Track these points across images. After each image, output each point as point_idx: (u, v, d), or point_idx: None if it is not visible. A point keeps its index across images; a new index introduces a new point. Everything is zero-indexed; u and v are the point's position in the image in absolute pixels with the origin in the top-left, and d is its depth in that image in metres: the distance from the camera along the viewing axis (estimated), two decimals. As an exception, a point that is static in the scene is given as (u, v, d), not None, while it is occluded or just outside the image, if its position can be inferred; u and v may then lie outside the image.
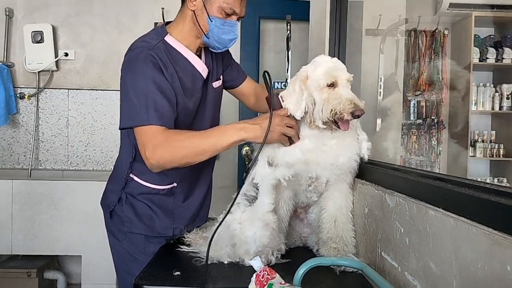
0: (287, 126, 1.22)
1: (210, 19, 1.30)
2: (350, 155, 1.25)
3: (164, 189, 1.43)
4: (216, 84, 1.51)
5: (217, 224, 1.21)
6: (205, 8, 1.30)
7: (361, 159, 1.27)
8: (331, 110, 1.14)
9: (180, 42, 1.37)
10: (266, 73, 1.26)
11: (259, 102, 1.61)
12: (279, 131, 1.21)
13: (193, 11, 1.32)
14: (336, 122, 1.17)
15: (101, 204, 1.54)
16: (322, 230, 1.30)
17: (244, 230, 1.22)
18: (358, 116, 1.14)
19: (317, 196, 1.33)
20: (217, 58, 1.52)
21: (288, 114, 1.23)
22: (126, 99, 1.29)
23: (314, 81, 1.18)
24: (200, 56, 1.43)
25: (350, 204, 1.31)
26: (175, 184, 1.44)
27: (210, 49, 1.41)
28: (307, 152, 1.23)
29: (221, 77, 1.54)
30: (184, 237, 1.39)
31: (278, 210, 1.30)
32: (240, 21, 1.37)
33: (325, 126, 1.18)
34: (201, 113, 1.45)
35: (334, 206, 1.29)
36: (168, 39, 1.36)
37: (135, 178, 1.42)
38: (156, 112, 1.23)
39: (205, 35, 1.34)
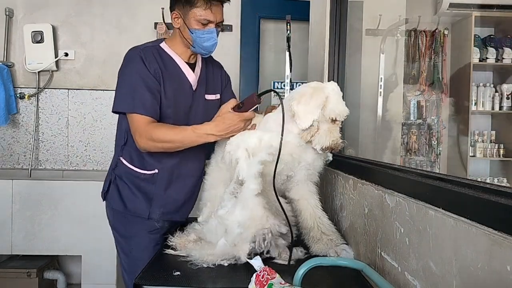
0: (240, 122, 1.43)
1: (191, 32, 1.53)
2: (323, 158, 1.42)
3: (145, 174, 1.61)
4: (211, 97, 1.69)
5: None
6: (185, 24, 1.53)
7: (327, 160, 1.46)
8: (332, 141, 1.29)
9: (173, 51, 1.61)
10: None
11: None
12: (232, 130, 1.43)
13: (178, 28, 1.57)
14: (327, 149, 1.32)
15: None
16: (312, 228, 1.36)
17: (228, 217, 1.24)
18: (334, 153, 1.37)
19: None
20: (215, 74, 1.72)
21: (244, 118, 1.42)
22: (117, 87, 1.55)
23: (329, 111, 1.29)
24: (193, 66, 1.64)
25: (319, 202, 1.43)
26: (156, 171, 1.61)
27: (202, 57, 1.65)
28: (292, 145, 1.33)
29: (219, 94, 1.73)
30: (169, 241, 1.39)
31: None
32: (220, 26, 1.57)
33: (321, 152, 1.32)
34: (192, 121, 1.59)
35: (310, 205, 1.40)
36: (163, 45, 1.61)
37: (123, 161, 1.63)
38: (140, 103, 1.49)
39: (191, 45, 1.57)
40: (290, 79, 3.02)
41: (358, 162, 1.39)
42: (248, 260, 1.16)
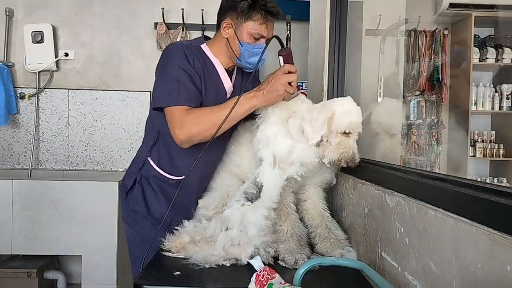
0: (288, 83, 1.37)
1: (241, 45, 1.47)
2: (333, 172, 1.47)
3: (173, 180, 1.55)
4: None
5: None
6: (236, 35, 1.47)
7: None
8: (340, 154, 1.29)
9: (214, 55, 1.54)
10: (276, 36, 1.48)
11: None
12: (282, 89, 1.36)
13: (227, 38, 1.49)
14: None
15: (120, 185, 1.66)
16: (319, 226, 1.37)
17: (246, 217, 1.26)
18: (351, 167, 1.31)
19: None
20: (248, 84, 1.64)
21: (290, 70, 1.38)
22: (159, 83, 1.48)
23: (336, 124, 1.30)
24: (231, 74, 1.59)
25: (327, 206, 1.47)
26: (183, 177, 1.53)
27: (243, 69, 1.58)
28: (306, 157, 1.35)
29: None
30: (163, 246, 1.35)
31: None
32: (268, 42, 1.50)
33: (329, 165, 1.32)
34: (221, 129, 1.52)
35: (318, 206, 1.43)
36: (204, 47, 1.54)
37: (151, 162, 1.57)
38: (186, 94, 1.42)
39: (238, 58, 1.51)
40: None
41: (358, 162, 1.39)
42: (248, 260, 1.16)
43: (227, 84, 1.57)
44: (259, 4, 1.43)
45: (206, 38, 1.62)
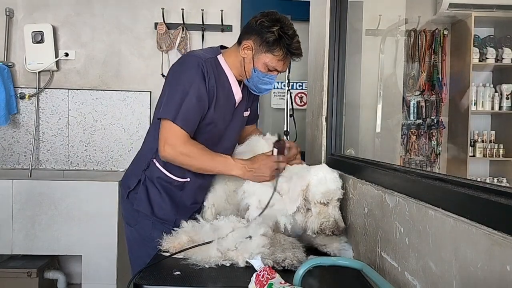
0: (275, 168, 1.48)
1: (254, 70, 1.52)
2: None
3: (177, 181, 1.58)
4: (246, 113, 1.70)
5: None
6: (253, 60, 1.51)
7: None
8: (320, 224, 1.32)
9: (228, 67, 1.58)
10: (278, 134, 1.60)
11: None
12: (269, 175, 1.48)
13: (243, 58, 1.54)
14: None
15: (120, 183, 1.70)
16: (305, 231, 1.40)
17: (247, 229, 1.27)
18: (337, 235, 1.34)
19: None
20: (250, 93, 1.70)
21: (279, 160, 1.49)
22: (169, 93, 1.49)
23: (313, 195, 1.34)
24: (240, 83, 1.63)
25: None
26: (188, 179, 1.58)
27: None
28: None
29: (249, 109, 1.73)
30: (161, 247, 1.35)
31: None
32: (278, 73, 1.58)
33: (315, 235, 1.35)
34: (228, 135, 1.62)
35: None
36: (220, 59, 1.58)
37: (157, 164, 1.58)
38: (184, 115, 1.44)
39: (247, 79, 1.56)
40: (288, 80, 3.04)
41: (358, 162, 1.39)
42: (248, 260, 1.16)
43: (238, 95, 1.61)
44: (284, 42, 1.48)
45: (222, 47, 1.65)
